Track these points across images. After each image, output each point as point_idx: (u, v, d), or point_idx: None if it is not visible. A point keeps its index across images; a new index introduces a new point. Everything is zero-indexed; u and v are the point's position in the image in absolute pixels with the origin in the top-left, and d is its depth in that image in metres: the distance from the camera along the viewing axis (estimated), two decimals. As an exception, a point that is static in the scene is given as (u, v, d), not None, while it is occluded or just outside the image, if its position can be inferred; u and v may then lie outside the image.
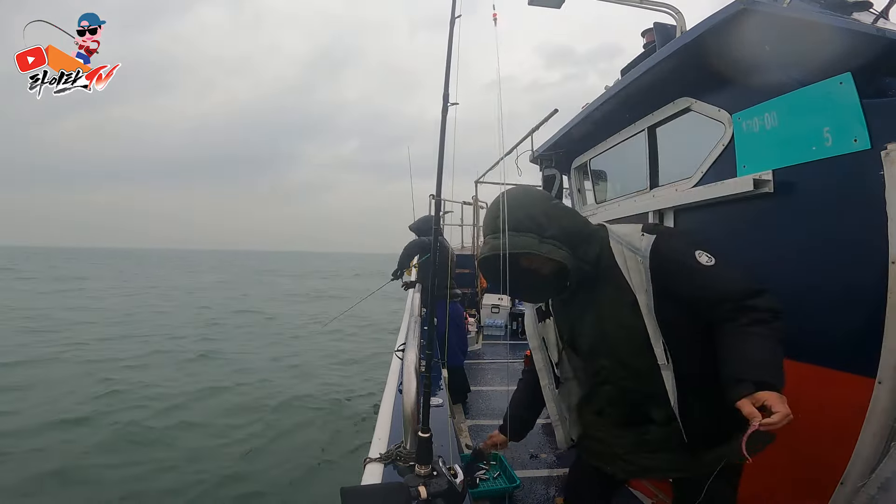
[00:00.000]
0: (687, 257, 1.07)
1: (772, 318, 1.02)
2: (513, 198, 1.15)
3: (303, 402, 6.60)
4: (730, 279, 1.06)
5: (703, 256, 1.06)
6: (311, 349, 10.29)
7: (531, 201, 1.15)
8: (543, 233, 1.11)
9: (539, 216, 1.12)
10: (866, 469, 1.29)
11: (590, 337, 1.24)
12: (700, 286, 1.07)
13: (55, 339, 10.21)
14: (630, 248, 1.12)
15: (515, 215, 1.11)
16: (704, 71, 1.88)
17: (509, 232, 1.09)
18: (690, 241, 1.11)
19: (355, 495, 0.79)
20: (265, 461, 4.78)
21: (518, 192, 1.19)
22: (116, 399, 6.44)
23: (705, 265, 1.05)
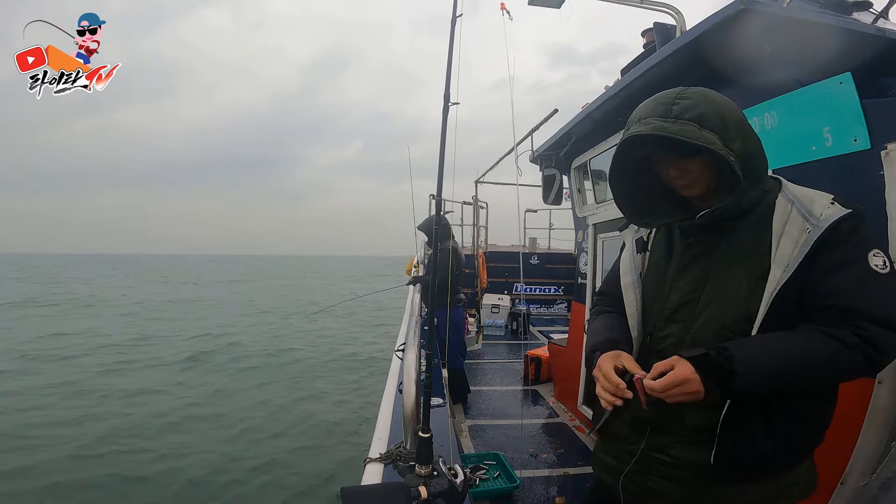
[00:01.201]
0: (861, 251, 0.84)
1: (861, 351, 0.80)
2: (704, 91, 0.93)
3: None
4: (886, 298, 0.82)
5: (878, 258, 0.84)
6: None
7: (725, 102, 0.92)
8: (728, 142, 0.87)
9: (730, 122, 0.88)
10: (867, 469, 1.29)
11: (681, 294, 0.98)
12: (841, 287, 0.83)
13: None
14: (803, 211, 0.88)
15: (702, 107, 0.88)
16: (704, 71, 1.88)
17: (689, 122, 0.87)
18: (876, 237, 0.88)
19: (355, 495, 0.79)
20: (265, 462, 4.78)
21: (710, 90, 0.95)
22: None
23: (873, 268, 0.83)
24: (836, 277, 0.84)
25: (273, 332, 12.46)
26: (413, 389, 1.25)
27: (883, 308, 0.82)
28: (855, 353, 0.80)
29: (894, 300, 0.83)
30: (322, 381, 7.92)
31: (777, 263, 0.86)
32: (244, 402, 6.70)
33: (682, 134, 0.86)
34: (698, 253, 0.97)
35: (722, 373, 0.81)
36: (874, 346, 0.80)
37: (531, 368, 4.44)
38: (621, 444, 1.04)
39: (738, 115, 0.91)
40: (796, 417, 0.89)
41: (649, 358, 0.96)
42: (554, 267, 8.04)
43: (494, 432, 3.27)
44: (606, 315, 1.14)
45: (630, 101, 2.36)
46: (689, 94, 0.91)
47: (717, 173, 0.93)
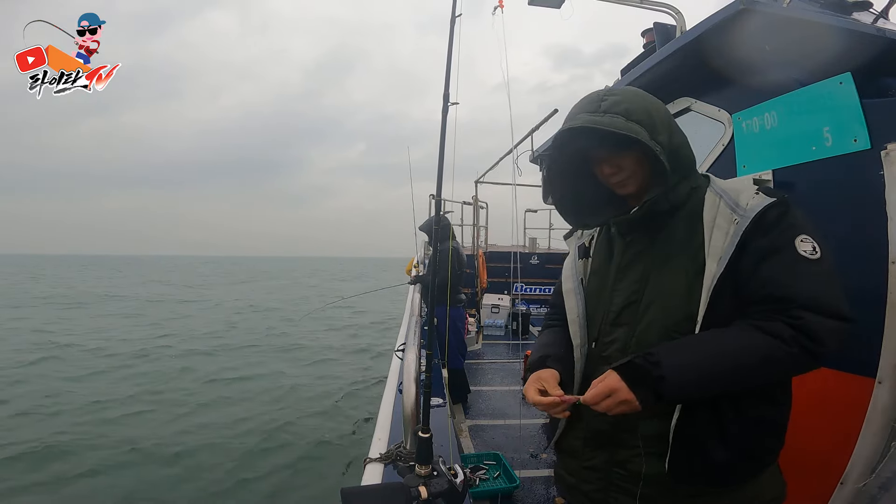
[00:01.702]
0: (788, 237, 0.81)
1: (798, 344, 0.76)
2: (636, 91, 0.96)
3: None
4: (820, 283, 0.79)
5: (807, 243, 0.81)
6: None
7: (654, 100, 0.95)
8: (655, 135, 0.88)
9: (657, 117, 0.90)
10: (867, 469, 1.29)
11: (624, 295, 0.95)
12: (771, 277, 0.81)
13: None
14: (731, 203, 0.86)
15: (629, 103, 0.90)
16: (704, 71, 1.88)
17: (616, 115, 0.88)
18: (806, 224, 0.84)
19: (355, 496, 0.79)
20: (265, 459, 4.78)
21: (637, 89, 0.98)
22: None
23: (801, 254, 0.80)
24: (765, 267, 0.81)
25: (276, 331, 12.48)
26: (413, 389, 1.25)
27: (814, 293, 0.78)
28: (791, 346, 0.76)
29: (826, 285, 0.80)
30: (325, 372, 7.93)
31: (711, 257, 0.84)
32: (242, 398, 6.70)
33: (610, 125, 0.87)
34: (637, 252, 0.96)
35: (649, 379, 0.77)
36: (810, 336, 0.76)
37: (531, 368, 4.44)
38: (577, 461, 1.00)
39: (665, 112, 0.94)
40: (749, 421, 0.85)
41: (598, 365, 0.95)
42: (554, 267, 8.04)
43: (494, 432, 3.27)
44: (549, 330, 1.13)
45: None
46: (616, 92, 0.93)
47: (650, 170, 0.93)
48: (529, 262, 7.89)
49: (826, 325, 0.76)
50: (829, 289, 0.79)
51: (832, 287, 0.80)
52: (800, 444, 1.53)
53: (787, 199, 0.85)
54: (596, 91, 0.97)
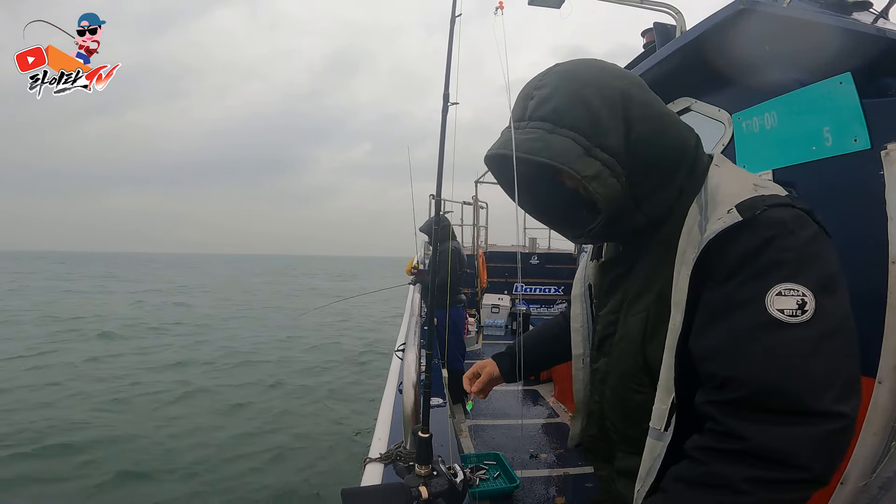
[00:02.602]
0: (755, 287, 0.53)
1: (771, 487, 0.49)
2: (572, 69, 0.67)
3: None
4: (788, 365, 0.50)
5: (790, 298, 0.51)
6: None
7: (597, 76, 0.65)
8: (598, 136, 0.62)
9: (599, 105, 0.63)
10: (867, 469, 1.29)
11: (603, 324, 0.80)
12: (718, 349, 0.55)
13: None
14: (703, 222, 0.60)
15: (559, 95, 0.64)
16: (704, 71, 1.88)
17: (542, 123, 0.64)
18: (799, 260, 0.53)
19: (356, 496, 0.78)
20: (264, 460, 4.78)
21: (587, 62, 0.69)
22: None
23: (772, 315, 0.51)
24: (713, 332, 0.56)
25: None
26: (413, 389, 1.25)
27: (771, 385, 0.50)
28: (755, 495, 0.49)
29: (802, 368, 0.50)
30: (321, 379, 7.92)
31: (675, 304, 0.61)
32: (240, 401, 6.70)
33: (527, 152, 0.62)
34: (616, 277, 0.78)
35: None
36: (773, 460, 0.48)
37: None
38: (594, 468, 0.89)
39: (618, 89, 0.64)
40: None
41: (594, 385, 0.83)
42: (554, 267, 8.04)
43: (494, 432, 3.27)
44: (553, 320, 1.05)
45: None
46: (547, 81, 0.67)
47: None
48: (529, 262, 7.89)
49: (791, 434, 0.49)
50: (808, 370, 0.50)
51: (815, 367, 0.50)
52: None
53: (780, 213, 0.56)
54: (531, 81, 0.70)
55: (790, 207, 0.57)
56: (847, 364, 0.52)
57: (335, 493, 0.75)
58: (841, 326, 0.52)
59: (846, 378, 0.51)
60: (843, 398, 0.50)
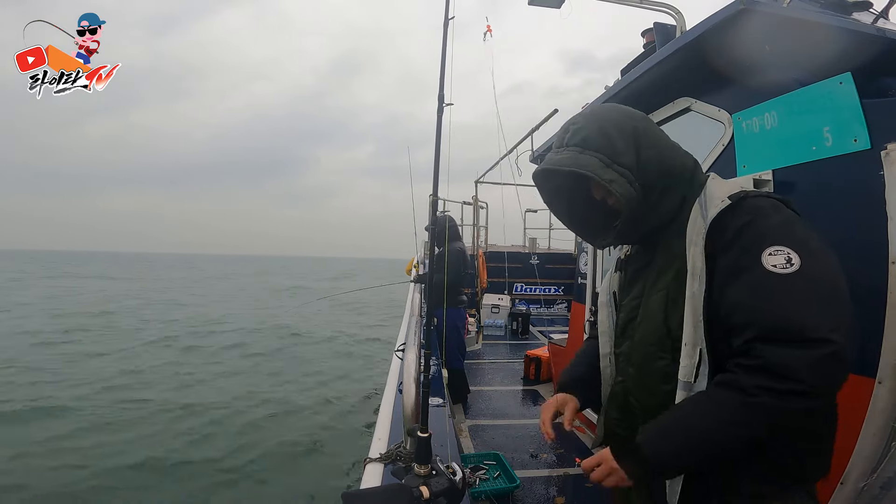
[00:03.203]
0: (754, 252, 0.70)
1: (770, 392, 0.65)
2: (596, 110, 0.93)
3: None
4: (786, 301, 0.67)
5: (778, 256, 0.68)
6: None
7: (615, 116, 0.89)
8: (616, 157, 0.84)
9: (617, 136, 0.85)
10: (867, 469, 1.29)
11: (626, 311, 0.97)
12: (736, 303, 0.72)
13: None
14: (704, 213, 0.80)
15: (587, 129, 0.88)
16: (704, 71, 1.88)
17: (574, 148, 0.87)
18: (781, 229, 0.72)
19: (357, 499, 0.78)
20: (264, 459, 4.78)
21: (606, 105, 0.95)
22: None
23: (767, 268, 0.68)
24: (730, 291, 0.72)
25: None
26: (413, 389, 1.26)
27: (777, 318, 0.66)
28: (757, 396, 0.65)
29: (799, 302, 0.66)
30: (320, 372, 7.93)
31: (692, 276, 0.78)
32: (241, 396, 6.70)
33: (560, 164, 0.87)
34: (636, 269, 0.97)
35: (638, 463, 0.75)
36: (776, 374, 0.64)
37: (531, 368, 4.44)
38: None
39: (631, 126, 0.87)
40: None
41: (619, 369, 0.99)
42: (554, 267, 8.04)
43: (494, 432, 3.27)
44: (587, 342, 1.18)
45: (630, 101, 2.36)
46: (579, 118, 0.91)
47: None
48: (529, 262, 7.90)
49: (794, 355, 0.63)
50: (802, 307, 0.65)
51: (808, 304, 0.66)
52: (800, 444, 1.53)
53: (758, 201, 0.76)
54: (568, 119, 0.95)
55: (767, 198, 0.77)
56: (834, 304, 0.66)
57: (335, 493, 0.75)
58: (824, 275, 0.68)
59: (834, 313, 0.66)
60: (833, 329, 0.64)
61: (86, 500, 3.93)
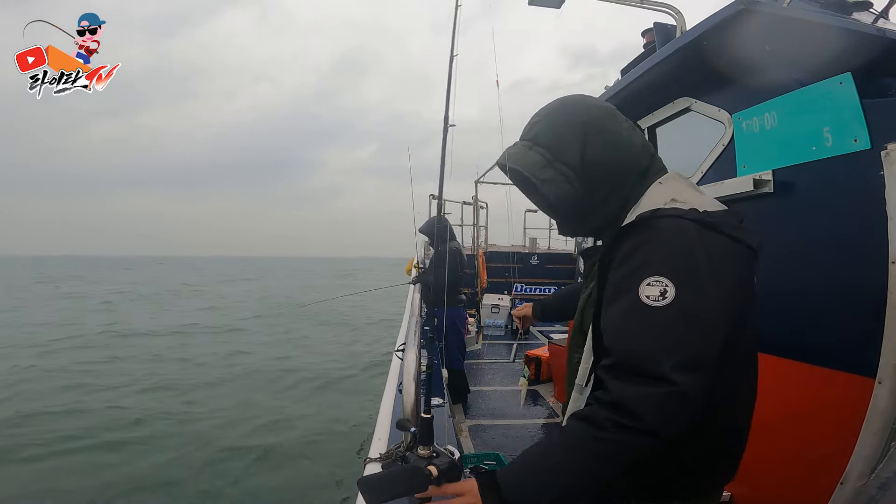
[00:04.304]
0: (636, 277, 0.68)
1: (612, 424, 0.63)
2: (556, 104, 0.89)
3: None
4: (643, 336, 0.65)
5: (655, 287, 0.65)
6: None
7: (569, 110, 0.86)
8: (559, 154, 0.82)
9: (563, 132, 0.83)
10: (867, 469, 1.29)
11: (579, 314, 0.97)
12: (608, 325, 0.72)
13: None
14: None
15: (540, 124, 0.87)
16: (704, 71, 1.88)
17: (526, 142, 0.87)
18: (668, 257, 0.68)
19: (375, 484, 0.78)
20: (264, 459, 4.78)
21: (569, 98, 0.90)
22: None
23: (641, 299, 0.66)
24: (608, 311, 0.72)
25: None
26: (413, 389, 1.26)
27: (632, 351, 0.65)
28: (606, 431, 0.62)
29: (656, 337, 0.63)
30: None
31: (596, 285, 0.80)
32: (240, 399, 6.70)
33: (506, 159, 0.86)
34: (588, 272, 0.95)
35: (498, 501, 0.70)
36: (620, 410, 0.62)
37: (531, 368, 4.44)
38: None
39: (580, 121, 0.83)
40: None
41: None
42: (554, 267, 8.04)
43: (494, 432, 3.27)
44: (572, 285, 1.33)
45: (630, 101, 2.35)
46: (539, 114, 0.89)
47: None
48: (529, 262, 7.89)
49: (640, 392, 0.62)
50: (655, 341, 0.63)
51: (661, 339, 0.63)
52: (800, 445, 1.53)
53: (663, 222, 0.71)
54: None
55: (678, 219, 0.71)
56: (692, 343, 0.64)
57: (335, 492, 0.74)
58: (696, 313, 0.64)
59: (688, 354, 0.63)
60: (680, 370, 0.61)
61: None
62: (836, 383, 1.43)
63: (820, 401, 1.47)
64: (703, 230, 0.69)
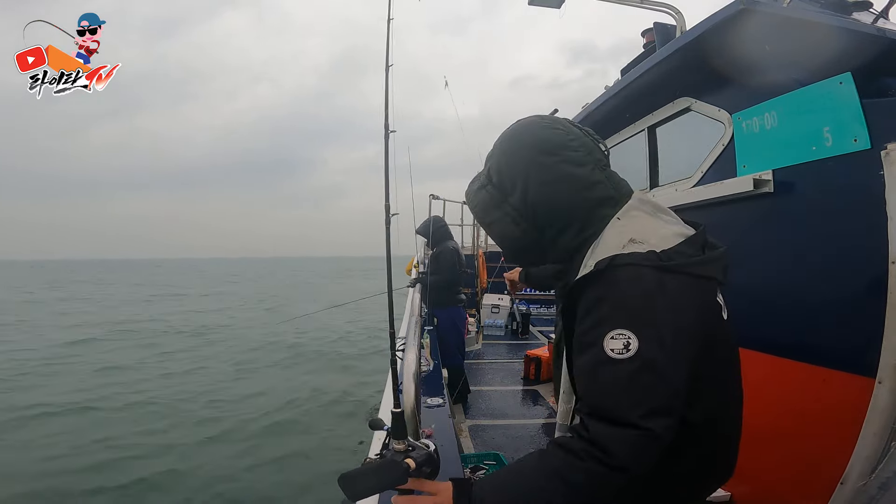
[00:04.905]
0: (600, 331, 0.70)
1: (590, 456, 0.68)
2: (510, 134, 0.88)
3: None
4: (611, 388, 0.69)
5: (618, 340, 0.69)
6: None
7: (515, 148, 0.86)
8: (507, 195, 0.85)
9: (508, 173, 0.85)
10: (867, 469, 1.29)
11: (558, 326, 1.09)
12: (579, 374, 0.75)
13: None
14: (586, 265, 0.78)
15: (494, 159, 0.88)
16: (704, 71, 1.89)
17: (484, 178, 0.89)
18: (629, 310, 0.70)
19: (354, 480, 0.78)
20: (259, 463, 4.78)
21: (521, 128, 0.88)
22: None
23: (606, 353, 0.69)
24: (577, 360, 0.75)
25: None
26: (413, 389, 1.26)
27: (602, 398, 0.70)
28: (584, 460, 0.68)
29: (622, 388, 0.68)
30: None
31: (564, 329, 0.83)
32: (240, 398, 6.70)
33: (466, 196, 0.90)
34: (558, 307, 1.05)
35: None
36: (597, 446, 0.68)
37: (531, 368, 4.44)
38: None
39: (525, 162, 0.83)
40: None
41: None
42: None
43: (494, 432, 3.27)
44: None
45: (630, 100, 2.36)
46: (496, 144, 0.89)
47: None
48: (529, 262, 7.88)
49: (609, 433, 0.68)
50: (624, 392, 0.69)
51: (629, 390, 0.68)
52: (800, 445, 1.53)
53: (620, 272, 0.71)
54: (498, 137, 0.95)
55: (635, 267, 0.71)
56: (657, 392, 0.68)
57: (335, 489, 0.74)
58: (657, 363, 0.68)
59: (654, 402, 0.68)
60: (648, 416, 0.67)
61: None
62: (836, 383, 1.43)
63: (820, 401, 1.47)
64: (660, 275, 0.71)
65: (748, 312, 1.78)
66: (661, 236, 0.77)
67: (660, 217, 0.83)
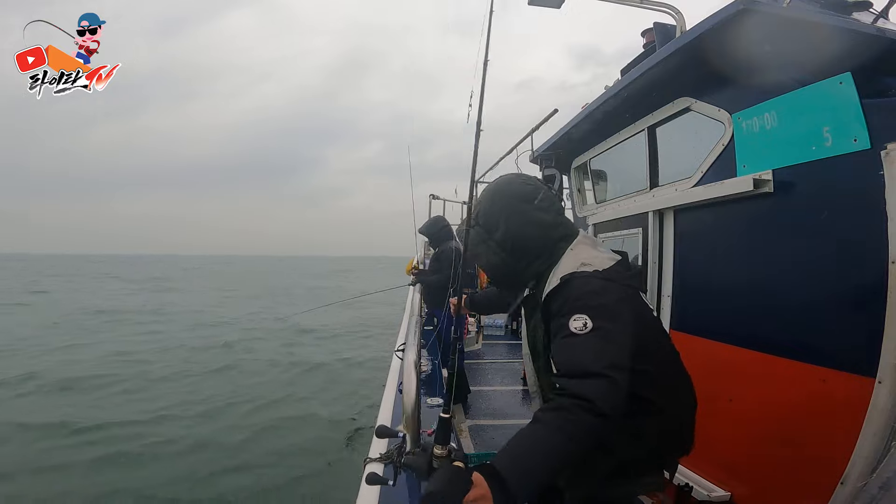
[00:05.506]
0: (566, 319, 0.97)
1: (576, 407, 0.86)
2: (494, 188, 1.21)
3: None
4: (578, 353, 0.94)
5: (578, 321, 0.95)
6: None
7: (496, 200, 1.18)
8: (491, 233, 1.16)
9: (492, 217, 1.16)
10: (867, 468, 1.29)
11: (530, 340, 1.27)
12: (556, 354, 1.00)
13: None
14: (550, 283, 1.07)
15: (481, 206, 1.19)
16: (704, 71, 1.89)
17: (475, 224, 1.20)
18: (584, 301, 0.98)
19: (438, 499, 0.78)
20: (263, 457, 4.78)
21: (503, 183, 1.22)
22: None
23: (571, 331, 0.95)
24: (554, 345, 1.01)
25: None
26: (413, 389, 1.26)
27: (571, 362, 0.94)
28: (573, 413, 0.86)
29: (586, 351, 0.93)
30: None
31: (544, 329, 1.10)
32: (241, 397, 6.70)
33: (463, 237, 1.21)
34: (530, 308, 1.24)
35: (499, 485, 0.81)
36: (579, 397, 0.87)
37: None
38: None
39: (500, 208, 1.16)
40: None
41: (537, 371, 1.27)
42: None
43: (494, 432, 3.27)
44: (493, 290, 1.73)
45: (630, 101, 2.36)
46: (481, 196, 1.22)
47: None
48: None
49: (584, 384, 0.89)
50: (588, 354, 0.93)
51: (591, 352, 0.93)
52: (800, 444, 1.53)
53: (577, 280, 1.02)
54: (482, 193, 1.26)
55: (588, 277, 1.03)
56: (611, 353, 0.93)
57: (334, 492, 0.74)
58: (609, 332, 0.95)
59: (611, 358, 0.92)
60: (610, 368, 0.90)
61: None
62: (836, 383, 1.43)
63: (820, 401, 1.47)
64: (605, 283, 1.02)
65: (748, 312, 1.78)
66: (601, 260, 1.08)
67: (598, 248, 1.16)
